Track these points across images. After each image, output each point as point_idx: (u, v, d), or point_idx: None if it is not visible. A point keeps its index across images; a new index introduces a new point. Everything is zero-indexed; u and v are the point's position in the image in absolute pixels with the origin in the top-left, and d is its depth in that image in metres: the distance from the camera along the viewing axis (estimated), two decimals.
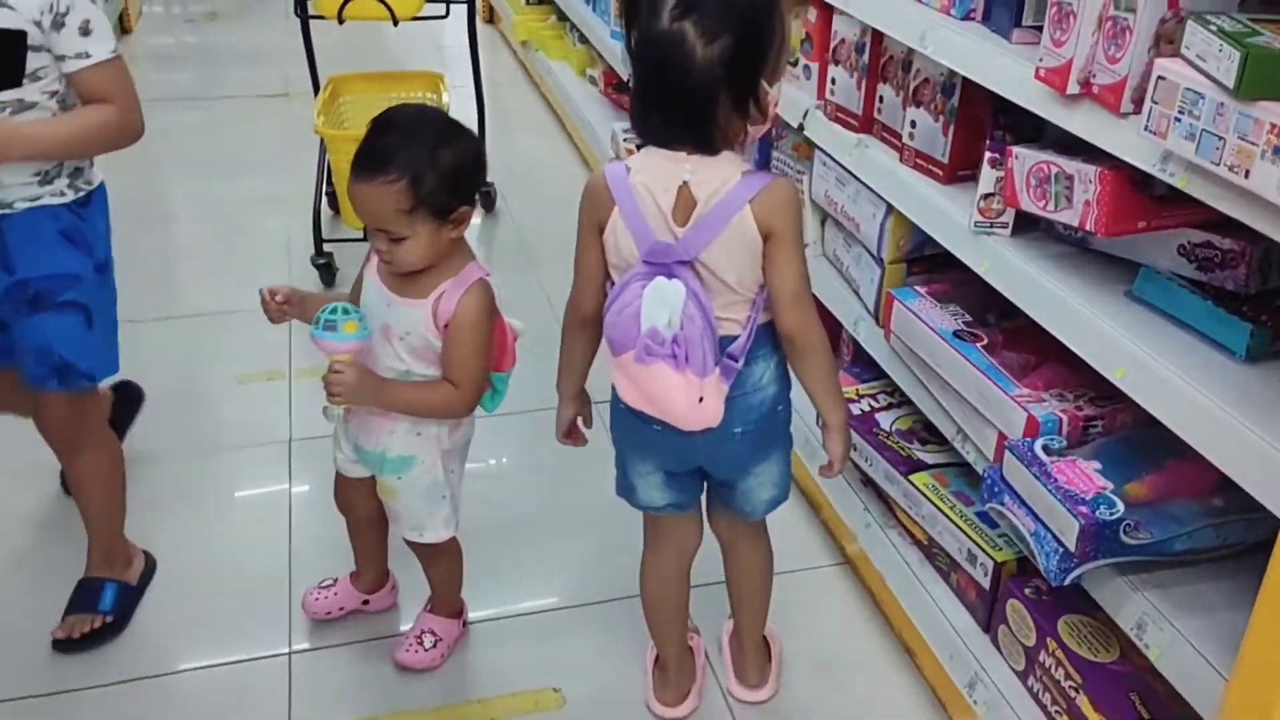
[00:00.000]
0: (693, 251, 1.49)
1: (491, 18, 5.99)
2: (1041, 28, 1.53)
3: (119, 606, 2.09)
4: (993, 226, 1.77)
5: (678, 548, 1.86)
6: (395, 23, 3.07)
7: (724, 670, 2.04)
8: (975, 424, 1.81)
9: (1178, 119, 1.25)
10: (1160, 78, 1.28)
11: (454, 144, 1.66)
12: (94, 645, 2.04)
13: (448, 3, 3.26)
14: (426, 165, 1.61)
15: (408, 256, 1.65)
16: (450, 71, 3.72)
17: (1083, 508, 1.48)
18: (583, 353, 1.72)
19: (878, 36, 2.08)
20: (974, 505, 1.96)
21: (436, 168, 1.62)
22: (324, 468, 2.05)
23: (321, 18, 3.16)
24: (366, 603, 2.13)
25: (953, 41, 1.78)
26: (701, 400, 1.51)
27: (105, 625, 2.06)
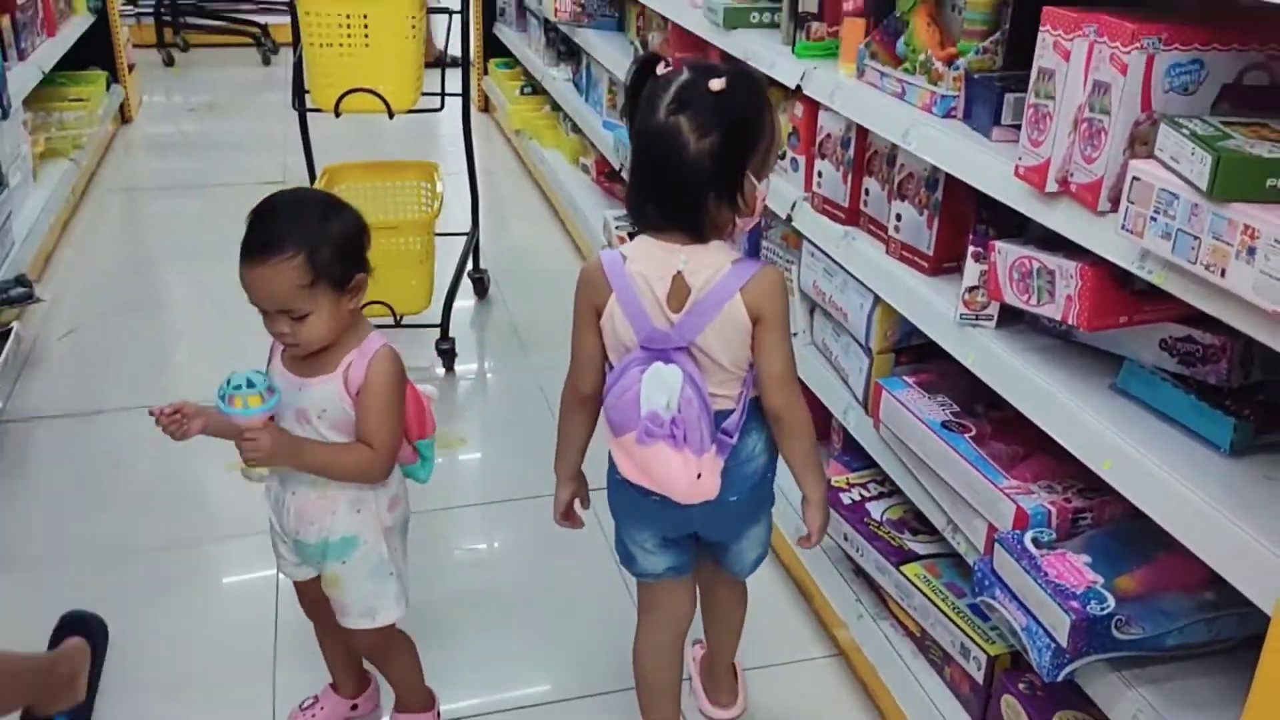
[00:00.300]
0: (688, 337, 1.56)
1: (486, 107, 6.11)
2: (1020, 126, 1.57)
3: None
4: (978, 318, 1.79)
5: (673, 616, 1.88)
6: (391, 115, 3.13)
7: (693, 692, 2.13)
8: (965, 515, 1.81)
9: (1154, 218, 1.28)
10: (1135, 178, 1.31)
11: (339, 216, 1.68)
12: None
13: (443, 95, 3.33)
14: (319, 238, 1.62)
15: (312, 333, 1.65)
16: (445, 160, 3.78)
17: (1073, 603, 1.47)
18: (581, 431, 1.76)
19: (862, 132, 2.13)
20: (966, 597, 1.95)
21: (328, 239, 1.63)
22: None
23: (319, 110, 3.22)
24: (355, 707, 2.08)
25: (934, 138, 1.82)
26: (700, 476, 1.58)
27: None
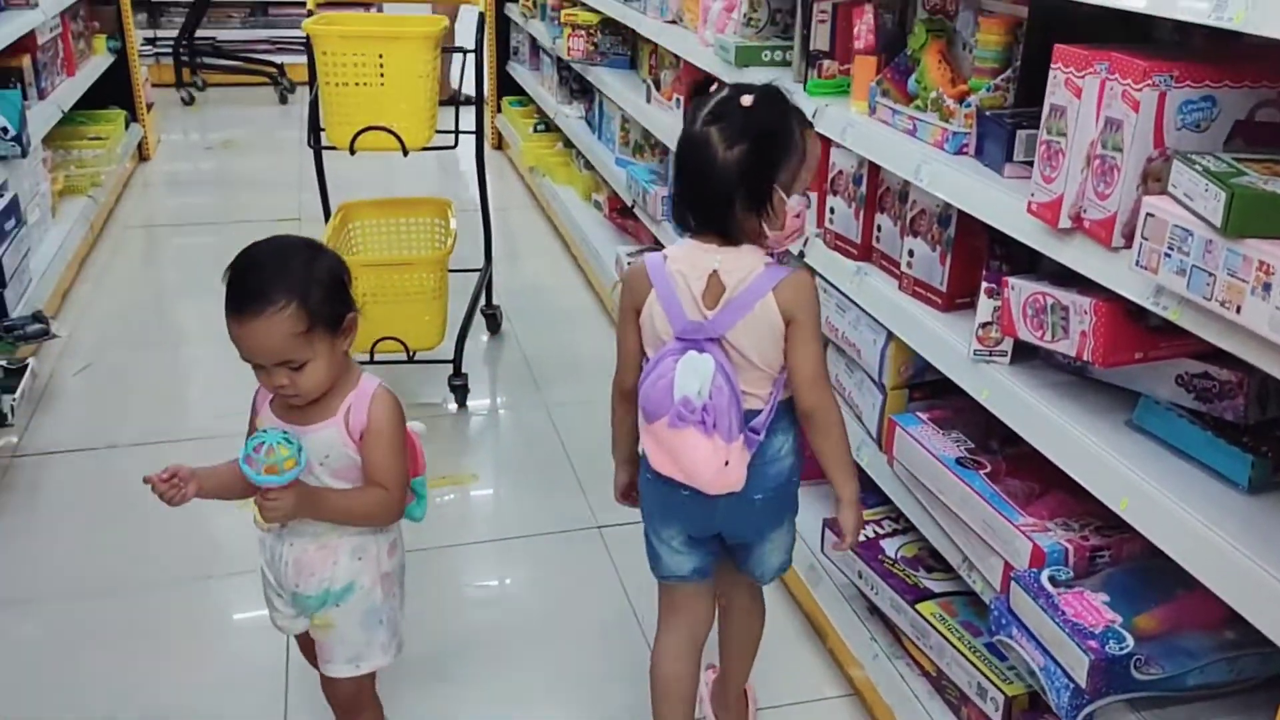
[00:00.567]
0: (721, 330, 1.63)
1: (500, 144, 6.16)
2: (1032, 163, 1.57)
3: None
4: (992, 355, 1.79)
5: (692, 620, 1.90)
6: (405, 153, 3.16)
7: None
8: (980, 552, 1.79)
9: (1168, 254, 1.28)
10: (1149, 214, 1.31)
11: (322, 258, 1.67)
12: None
13: (456, 133, 3.35)
14: (308, 283, 1.60)
15: (313, 381, 1.63)
16: (459, 197, 3.80)
17: (1092, 642, 1.46)
18: (630, 420, 1.81)
19: (874, 169, 2.14)
20: (983, 635, 1.92)
21: (318, 282, 1.61)
22: None
23: (334, 148, 3.25)
24: None
25: (946, 175, 1.82)
26: (727, 464, 1.62)
27: None
